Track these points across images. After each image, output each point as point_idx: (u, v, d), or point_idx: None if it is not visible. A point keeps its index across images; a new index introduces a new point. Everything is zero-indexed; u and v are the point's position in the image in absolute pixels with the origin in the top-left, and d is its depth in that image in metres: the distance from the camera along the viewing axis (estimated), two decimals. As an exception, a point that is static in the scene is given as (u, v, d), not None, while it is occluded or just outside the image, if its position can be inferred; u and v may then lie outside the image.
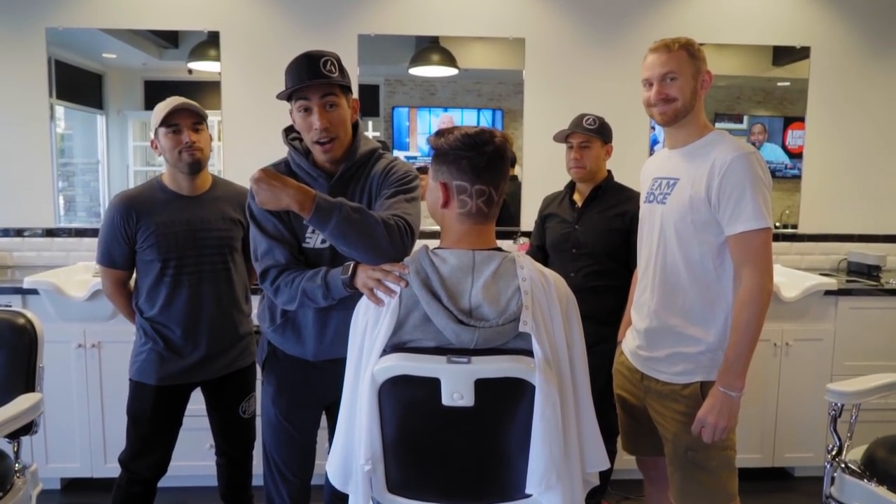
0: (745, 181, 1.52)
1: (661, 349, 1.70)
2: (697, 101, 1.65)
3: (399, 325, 1.23)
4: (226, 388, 2.12)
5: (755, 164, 1.54)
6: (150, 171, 3.29)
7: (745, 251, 1.54)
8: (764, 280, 1.53)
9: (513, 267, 1.26)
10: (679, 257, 1.64)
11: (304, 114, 1.56)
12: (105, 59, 3.16)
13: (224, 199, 2.07)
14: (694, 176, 1.61)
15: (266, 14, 3.17)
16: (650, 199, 1.77)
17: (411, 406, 1.21)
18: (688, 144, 1.68)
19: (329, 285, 1.49)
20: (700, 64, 1.64)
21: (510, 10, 3.23)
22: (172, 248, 1.96)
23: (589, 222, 2.35)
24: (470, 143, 1.26)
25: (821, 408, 2.83)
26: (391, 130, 3.28)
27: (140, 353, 2.02)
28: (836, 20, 3.33)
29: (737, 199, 1.52)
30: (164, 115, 1.91)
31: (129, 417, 2.05)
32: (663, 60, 1.63)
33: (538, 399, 1.16)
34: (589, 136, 2.33)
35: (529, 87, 3.26)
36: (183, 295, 1.98)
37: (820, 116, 3.37)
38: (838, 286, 2.85)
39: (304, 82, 1.52)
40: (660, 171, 1.76)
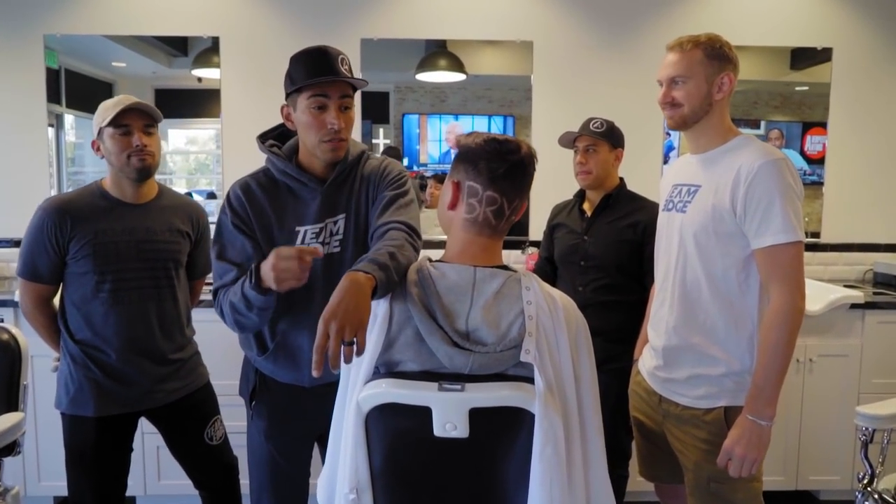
0: (773, 190, 1.41)
1: (680, 370, 1.59)
2: (712, 107, 1.53)
3: (389, 342, 1.12)
4: (182, 416, 1.94)
5: (785, 171, 1.43)
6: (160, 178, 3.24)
7: (774, 266, 1.43)
8: (795, 298, 1.41)
9: (517, 288, 1.14)
10: (700, 271, 1.53)
11: (318, 111, 1.44)
12: (115, 67, 3.13)
13: (171, 209, 1.91)
14: (717, 183, 1.50)
15: (266, 19, 3.10)
16: (669, 207, 1.65)
17: (400, 436, 1.10)
18: (710, 150, 1.57)
19: (246, 296, 1.38)
20: (721, 65, 1.51)
21: (517, 12, 3.14)
22: (112, 259, 1.77)
23: (598, 233, 2.21)
24: (494, 146, 1.16)
25: (847, 428, 2.69)
26: (401, 137, 3.23)
27: (70, 382, 1.81)
28: (858, 20, 3.21)
29: (765, 209, 1.41)
30: (114, 115, 1.74)
31: (70, 454, 1.83)
32: (674, 61, 1.53)
33: (537, 436, 1.04)
34: (595, 140, 2.19)
35: (538, 92, 3.16)
36: (121, 313, 1.79)
37: (842, 120, 3.24)
38: (865, 299, 2.71)
39: (328, 77, 1.42)
40: (680, 178, 1.65)
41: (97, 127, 1.79)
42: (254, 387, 1.63)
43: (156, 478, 2.64)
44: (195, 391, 1.96)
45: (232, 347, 2.24)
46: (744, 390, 1.49)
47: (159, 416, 1.93)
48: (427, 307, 1.12)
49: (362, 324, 1.07)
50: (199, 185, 3.32)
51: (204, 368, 2.02)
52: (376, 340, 1.12)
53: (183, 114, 3.21)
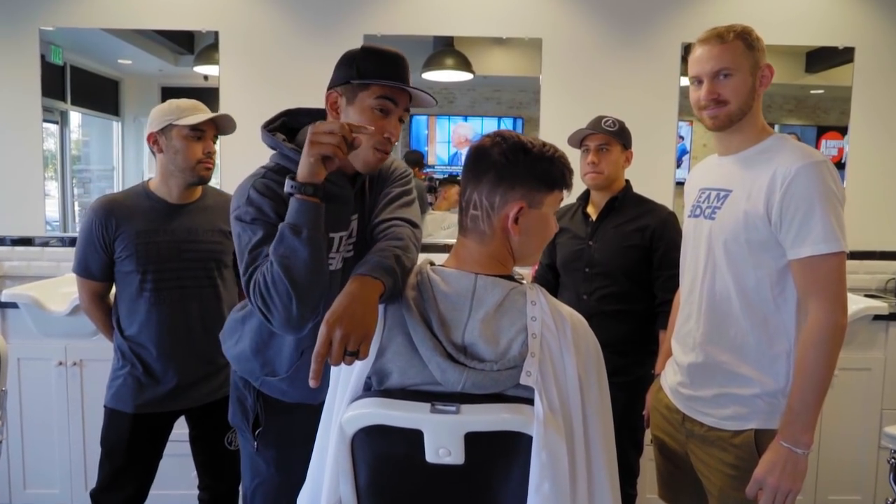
0: (813, 195, 1.29)
1: (707, 388, 1.46)
2: (756, 101, 1.42)
3: (381, 350, 1.03)
4: (210, 417, 1.93)
5: (826, 174, 1.31)
6: None
7: (813, 279, 1.30)
8: (836, 314, 1.29)
9: (522, 301, 1.03)
10: (730, 282, 1.40)
11: (380, 113, 1.30)
12: (121, 65, 3.10)
13: (215, 210, 1.92)
14: (750, 188, 1.37)
15: (267, 13, 3.01)
16: (696, 212, 1.53)
17: (388, 461, 1.00)
18: (743, 150, 1.44)
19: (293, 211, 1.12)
20: (759, 56, 1.41)
21: (526, 8, 3.03)
22: (153, 259, 1.81)
23: (604, 238, 2.08)
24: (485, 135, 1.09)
25: (870, 445, 2.57)
26: (408, 139, 3.17)
27: (116, 377, 1.87)
28: (883, 18, 3.08)
29: (803, 216, 1.29)
30: (198, 121, 1.79)
31: (103, 448, 1.88)
32: (716, 53, 1.39)
33: (534, 470, 0.93)
34: (609, 138, 2.07)
35: (546, 91, 3.05)
36: (163, 312, 1.82)
37: (864, 123, 3.11)
38: (889, 310, 2.58)
39: (403, 84, 1.31)
40: (708, 181, 1.52)
41: (166, 122, 1.80)
42: (256, 415, 1.48)
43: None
44: (227, 396, 1.86)
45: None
46: (777, 412, 1.37)
47: (194, 415, 1.95)
48: (422, 313, 1.02)
49: (368, 334, 0.99)
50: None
51: None
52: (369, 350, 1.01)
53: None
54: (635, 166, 2.18)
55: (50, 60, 2.99)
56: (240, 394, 1.52)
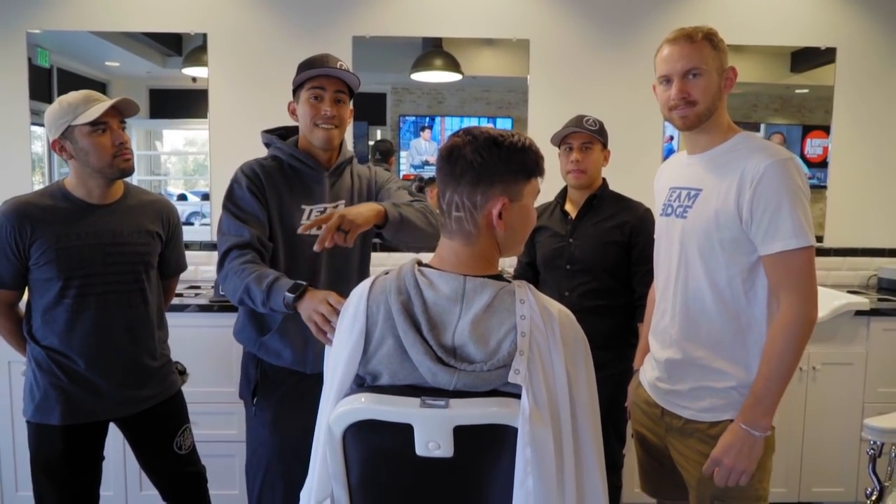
0: (782, 193, 1.32)
1: (683, 382, 1.50)
2: (721, 102, 1.45)
3: (371, 352, 1.04)
4: (152, 425, 1.86)
5: (793, 171, 1.34)
6: (155, 179, 3.27)
7: (785, 273, 1.34)
8: (807, 307, 1.33)
9: (510, 300, 1.04)
10: (703, 280, 1.44)
11: (315, 101, 1.66)
12: (108, 67, 3.09)
13: (139, 209, 1.82)
14: (720, 186, 1.40)
15: (255, 15, 3.02)
16: (667, 211, 1.55)
17: (379, 455, 1.02)
18: (711, 149, 1.47)
19: (271, 295, 1.42)
20: (724, 58, 1.44)
21: (513, 10, 3.07)
22: (76, 264, 1.69)
23: (584, 235, 2.12)
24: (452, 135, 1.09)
25: (852, 438, 2.62)
26: (398, 139, 3.17)
27: (35, 389, 1.73)
28: (863, 20, 3.14)
29: (773, 213, 1.33)
30: (97, 115, 1.64)
31: (37, 465, 1.74)
32: (686, 53, 1.41)
33: (519, 465, 0.95)
34: (591, 137, 2.11)
35: (535, 92, 3.09)
36: (87, 320, 1.71)
37: (846, 123, 3.17)
38: (870, 306, 2.63)
39: (323, 69, 1.64)
40: (678, 181, 1.55)
41: (63, 125, 1.67)
42: (256, 383, 1.67)
43: (137, 488, 2.55)
44: (166, 400, 1.88)
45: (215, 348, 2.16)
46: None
47: (128, 424, 1.85)
48: (412, 317, 1.03)
49: (359, 225, 1.42)
50: (197, 186, 3.26)
51: (175, 377, 1.94)
52: (353, 350, 1.04)
53: (178, 114, 3.16)
54: (621, 164, 2.22)
55: (36, 63, 2.98)
56: (245, 370, 1.74)
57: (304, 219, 1.65)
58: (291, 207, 1.65)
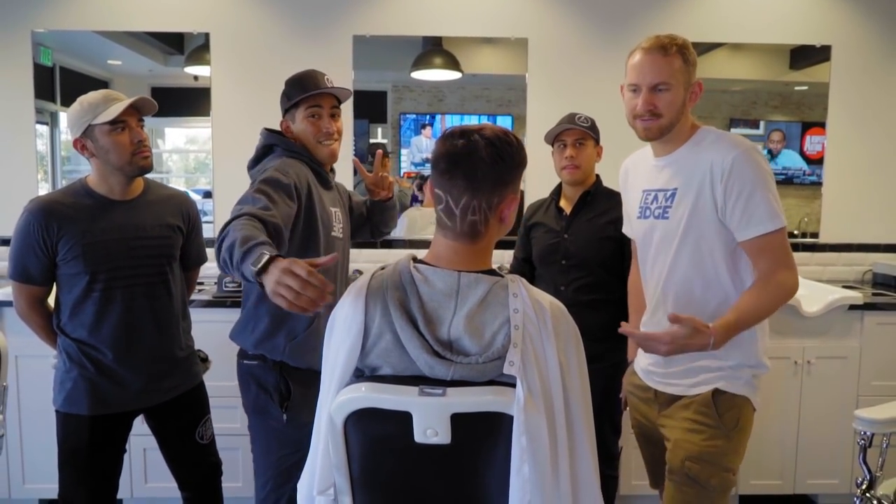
0: (751, 180, 1.42)
1: (676, 364, 1.57)
2: (685, 114, 1.52)
3: (370, 347, 1.07)
4: (176, 415, 1.92)
5: (759, 159, 1.44)
6: (157, 177, 3.25)
7: (769, 253, 1.43)
8: (794, 277, 1.46)
9: (503, 294, 1.07)
10: (692, 272, 1.52)
11: (314, 119, 1.77)
12: (110, 65, 3.11)
13: (160, 203, 1.87)
14: (691, 183, 1.49)
15: (257, 14, 3.06)
16: (645, 214, 1.62)
17: (379, 442, 1.06)
18: (676, 150, 1.55)
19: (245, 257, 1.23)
20: (692, 72, 1.50)
21: (512, 9, 3.10)
22: (102, 259, 1.74)
23: (579, 231, 2.17)
24: (443, 139, 1.11)
25: (846, 431, 2.65)
26: (398, 137, 3.20)
27: (66, 379, 1.78)
28: (858, 18, 3.16)
29: (746, 200, 1.42)
30: (118, 113, 1.69)
31: (63, 453, 1.80)
32: (657, 66, 1.45)
33: (515, 452, 0.99)
34: (584, 133, 2.16)
35: (533, 90, 3.12)
36: (114, 312, 1.76)
37: (841, 119, 3.19)
38: (864, 300, 2.66)
39: (319, 90, 1.75)
40: (651, 183, 1.61)
41: (84, 124, 1.72)
42: (281, 393, 1.70)
43: (142, 480, 2.60)
44: (191, 390, 1.94)
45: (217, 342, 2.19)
46: (739, 379, 1.51)
47: (153, 414, 1.91)
48: (408, 312, 1.07)
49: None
50: (198, 184, 3.30)
51: (198, 367, 2.00)
52: (352, 345, 1.07)
53: (180, 112, 3.19)
54: (618, 162, 2.25)
55: (39, 62, 3.01)
56: (258, 381, 1.72)
57: (335, 220, 1.79)
58: (326, 210, 1.77)
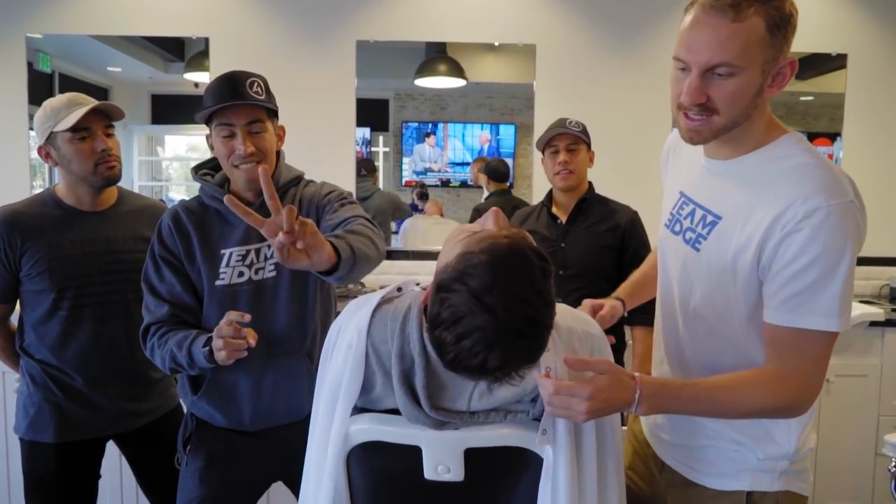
0: (826, 258, 0.95)
1: (691, 437, 1.19)
2: (759, 108, 1.02)
3: (368, 390, 0.96)
4: (151, 441, 1.78)
5: (850, 225, 0.95)
6: (157, 185, 3.26)
7: (797, 352, 0.99)
8: (810, 399, 1.03)
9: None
10: (717, 332, 1.12)
11: (226, 139, 1.42)
12: (110, 72, 3.06)
13: (135, 215, 1.74)
14: (746, 221, 1.02)
15: (258, 19, 2.98)
16: (675, 228, 1.19)
17: (385, 479, 0.97)
18: (739, 157, 1.07)
19: (193, 357, 1.36)
20: (783, 44, 0.98)
21: (520, 15, 3.02)
22: (70, 275, 1.61)
23: (576, 239, 2.08)
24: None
25: (867, 451, 2.56)
26: (400, 146, 3.15)
27: (29, 404, 1.66)
28: (875, 26, 3.09)
29: (812, 282, 0.96)
30: (77, 119, 1.56)
31: (29, 483, 1.67)
32: (720, 36, 0.93)
33: (543, 493, 0.89)
34: (576, 138, 2.09)
35: (540, 98, 3.04)
36: (83, 332, 1.63)
37: (857, 129, 3.11)
38: (885, 316, 2.57)
39: (227, 102, 1.38)
40: (693, 189, 1.16)
41: (46, 131, 1.60)
42: (190, 433, 1.54)
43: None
44: (167, 414, 1.82)
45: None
46: (775, 472, 1.12)
47: (127, 440, 1.78)
48: (411, 389, 0.90)
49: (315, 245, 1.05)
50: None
51: (175, 390, 1.87)
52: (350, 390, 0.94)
53: (181, 120, 3.15)
54: (629, 171, 2.17)
55: (38, 68, 2.94)
56: (185, 417, 1.59)
57: (222, 265, 1.46)
58: (208, 254, 1.46)
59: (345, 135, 3.02)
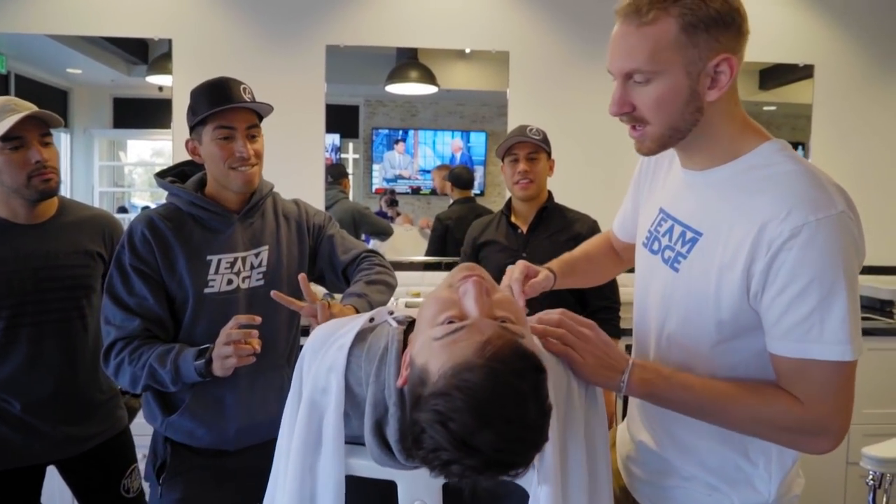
0: (828, 278, 0.85)
1: (663, 476, 1.09)
2: (711, 111, 0.93)
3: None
4: (96, 466, 1.68)
5: (845, 238, 0.87)
6: (119, 191, 3.18)
7: (814, 385, 0.90)
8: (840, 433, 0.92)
9: None
10: (688, 358, 1.00)
11: (224, 141, 1.41)
12: (70, 74, 2.96)
13: (76, 226, 1.63)
14: (727, 235, 0.93)
15: (224, 21, 2.89)
16: (652, 246, 1.09)
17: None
18: (715, 167, 0.98)
19: (180, 370, 1.31)
20: (713, 38, 0.88)
21: (493, 20, 2.99)
22: (4, 292, 1.51)
23: (538, 249, 2.04)
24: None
25: (838, 460, 2.57)
26: (370, 152, 3.12)
27: None
28: (841, 37, 3.14)
29: (813, 307, 0.86)
30: (5, 129, 1.46)
31: None
32: (629, 44, 0.90)
33: None
34: (537, 146, 2.06)
35: (514, 105, 3.01)
36: (19, 353, 1.53)
37: (825, 139, 3.16)
38: (855, 326, 2.59)
39: (231, 104, 1.39)
40: (671, 204, 1.07)
41: None
42: (163, 461, 1.44)
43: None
44: (114, 437, 1.71)
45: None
46: None
47: (69, 467, 1.67)
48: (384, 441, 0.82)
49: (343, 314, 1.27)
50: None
51: (123, 411, 1.77)
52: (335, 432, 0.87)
53: (144, 124, 3.07)
54: (602, 180, 2.14)
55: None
56: (154, 446, 1.50)
57: (211, 272, 1.42)
58: (193, 261, 1.41)
59: (314, 141, 2.95)
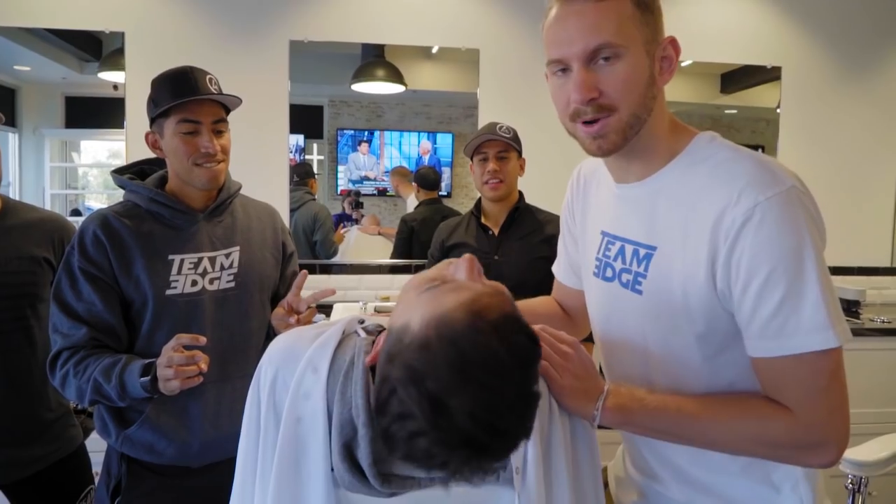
0: (791, 259, 0.79)
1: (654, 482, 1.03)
2: (659, 103, 0.90)
3: None
4: (47, 490, 1.57)
5: (800, 213, 0.81)
6: (72, 194, 3.07)
7: (801, 383, 0.81)
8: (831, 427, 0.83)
9: None
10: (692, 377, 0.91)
11: (188, 136, 1.34)
12: (18, 71, 2.84)
13: (21, 230, 1.54)
14: (683, 241, 0.87)
15: (179, 13, 2.77)
16: (605, 274, 1.00)
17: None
18: (654, 174, 0.92)
19: (126, 385, 1.22)
20: (655, 20, 0.87)
21: (463, 17, 2.94)
22: None
23: (511, 251, 2.00)
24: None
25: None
26: (335, 153, 3.06)
27: None
28: (809, 40, 3.18)
29: (783, 295, 0.79)
30: None
31: None
32: (590, 21, 0.82)
33: None
34: (507, 145, 1.99)
35: (485, 105, 2.96)
36: None
37: (792, 141, 3.19)
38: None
39: (195, 96, 1.32)
40: (613, 225, 0.99)
41: None
42: (118, 482, 1.33)
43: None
44: (65, 458, 1.59)
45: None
46: None
47: (16, 491, 1.53)
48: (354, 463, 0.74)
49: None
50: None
51: (76, 429, 1.65)
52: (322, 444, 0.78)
53: (98, 124, 2.96)
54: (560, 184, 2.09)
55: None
56: (107, 465, 1.41)
57: (173, 272, 1.34)
58: (152, 260, 1.33)
59: (278, 142, 2.84)
